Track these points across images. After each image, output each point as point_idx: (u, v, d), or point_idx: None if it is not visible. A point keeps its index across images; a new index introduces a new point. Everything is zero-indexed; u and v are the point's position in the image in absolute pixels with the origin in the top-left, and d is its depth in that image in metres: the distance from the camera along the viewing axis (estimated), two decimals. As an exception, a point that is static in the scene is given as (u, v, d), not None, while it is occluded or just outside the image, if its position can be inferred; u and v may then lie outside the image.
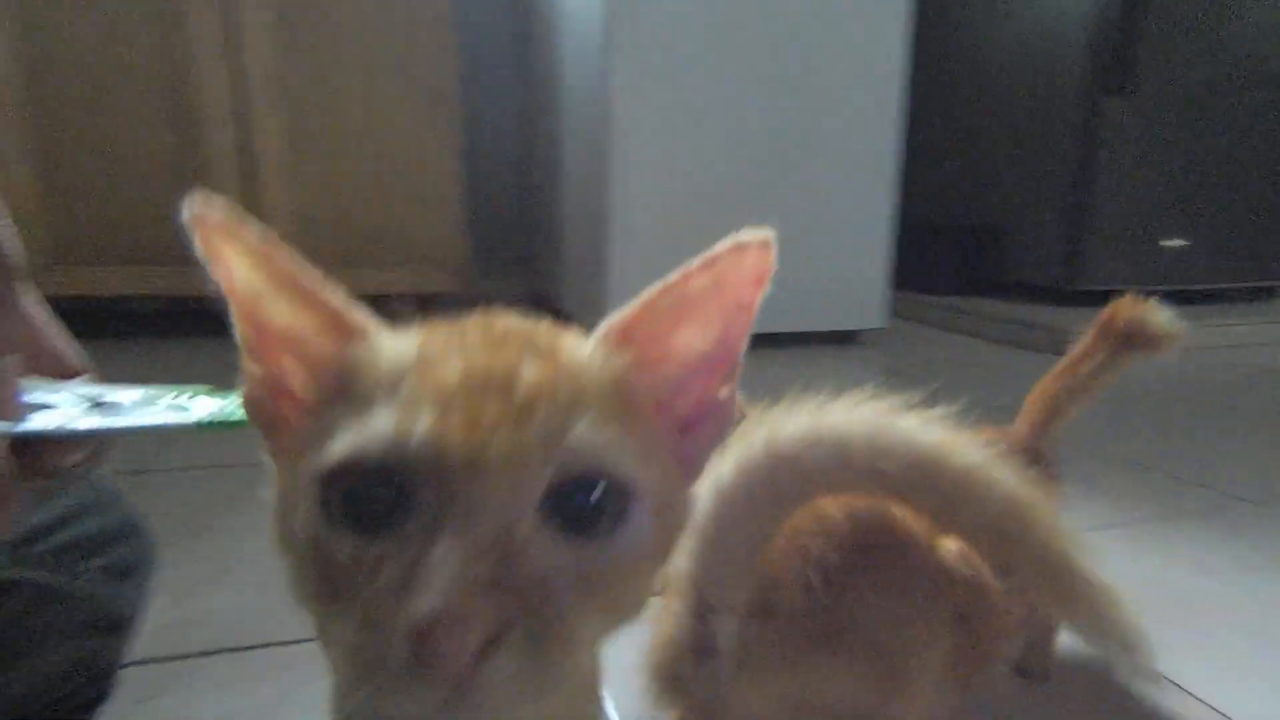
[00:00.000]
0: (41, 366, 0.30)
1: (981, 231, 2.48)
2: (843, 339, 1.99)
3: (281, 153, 1.61)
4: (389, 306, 1.79)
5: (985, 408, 0.37)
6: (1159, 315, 0.55)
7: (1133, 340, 0.56)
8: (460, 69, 1.72)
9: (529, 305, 2.35)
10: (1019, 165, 2.37)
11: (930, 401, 0.33)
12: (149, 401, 0.29)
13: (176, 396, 0.30)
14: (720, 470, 0.33)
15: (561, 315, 2.11)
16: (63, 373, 0.31)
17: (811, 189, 1.77)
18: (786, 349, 1.84)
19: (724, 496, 0.33)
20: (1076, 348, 0.59)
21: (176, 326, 1.81)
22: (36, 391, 0.28)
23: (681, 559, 0.34)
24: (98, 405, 0.28)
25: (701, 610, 0.35)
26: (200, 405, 0.29)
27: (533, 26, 2.15)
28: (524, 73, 2.29)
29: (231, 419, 0.28)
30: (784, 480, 0.32)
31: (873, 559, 0.36)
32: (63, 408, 0.27)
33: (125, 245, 1.57)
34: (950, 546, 0.39)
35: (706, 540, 0.34)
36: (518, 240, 2.44)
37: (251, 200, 1.61)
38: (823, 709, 0.36)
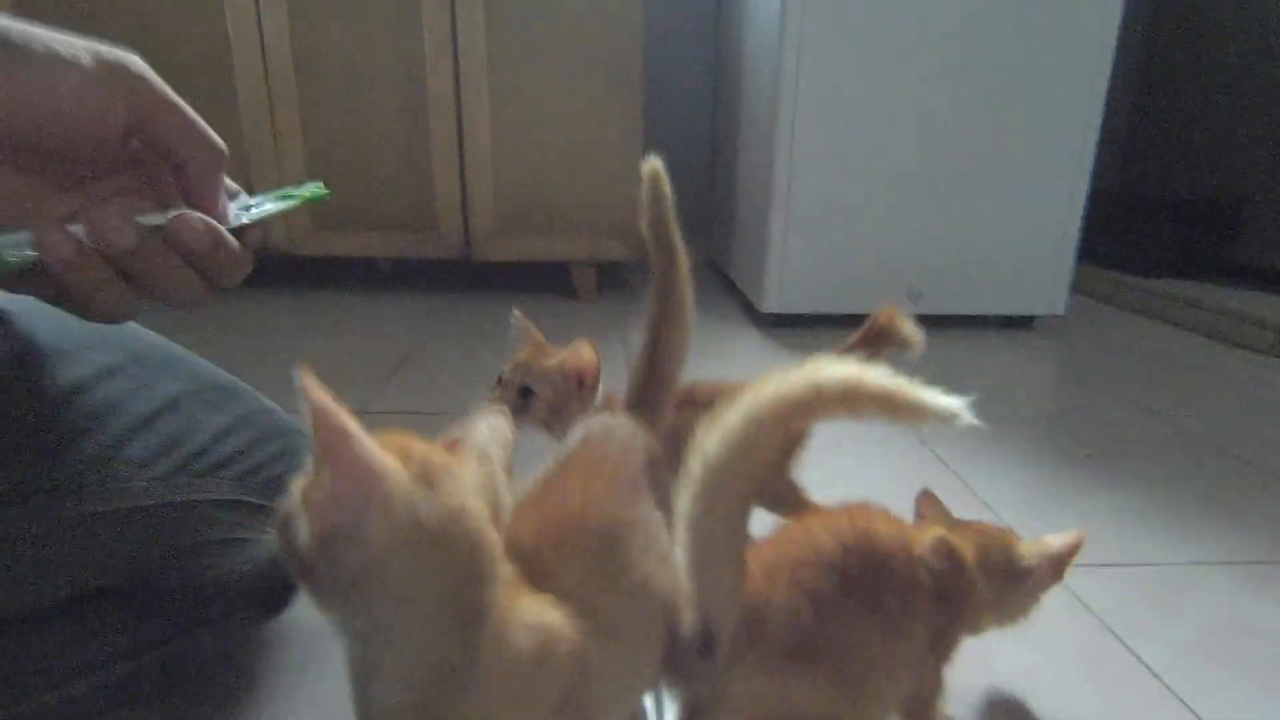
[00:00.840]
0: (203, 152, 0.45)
1: (1212, 206, 2.21)
2: (1019, 323, 1.91)
3: (488, 140, 1.85)
4: (571, 272, 2.00)
5: (1166, 419, 0.40)
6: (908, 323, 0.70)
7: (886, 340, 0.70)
8: (651, 55, 1.85)
9: (702, 270, 2.46)
10: (1269, 132, 2.07)
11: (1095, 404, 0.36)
12: (273, 199, 0.47)
13: (286, 190, 0.48)
14: (703, 445, 0.36)
15: (728, 281, 2.23)
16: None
17: (993, 164, 1.70)
18: (951, 331, 1.82)
19: (709, 466, 0.36)
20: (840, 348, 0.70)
21: (407, 281, 2.16)
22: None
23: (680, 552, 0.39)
24: (247, 208, 0.45)
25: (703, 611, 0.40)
26: (302, 190, 0.48)
27: (721, 10, 2.22)
28: (714, 51, 2.37)
29: (316, 196, 0.48)
30: (763, 436, 0.35)
31: (857, 584, 0.43)
32: (236, 208, 0.45)
33: (370, 215, 1.90)
34: (926, 541, 0.48)
35: (695, 530, 0.37)
36: (697, 211, 2.55)
37: (464, 179, 1.87)
38: (800, 713, 0.42)
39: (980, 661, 0.66)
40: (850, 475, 1.06)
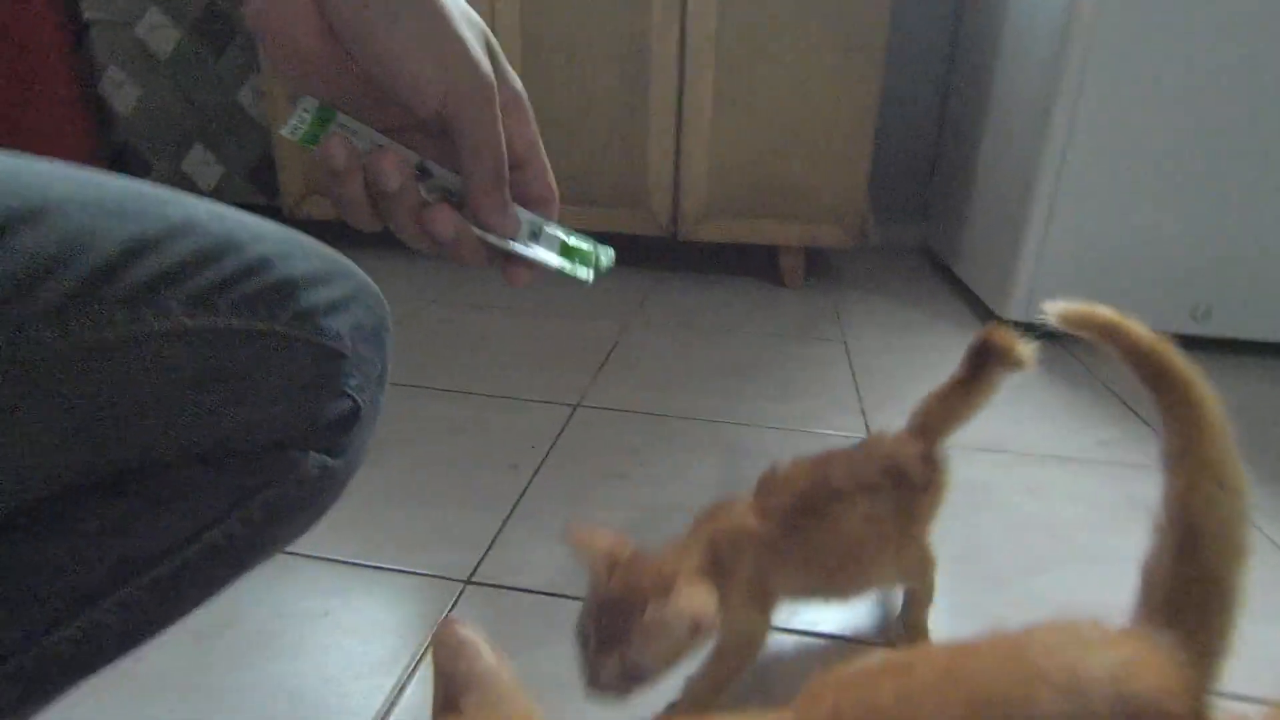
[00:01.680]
0: (533, 196, 0.43)
1: None
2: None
3: (707, 111, 1.76)
4: (779, 256, 1.88)
5: None
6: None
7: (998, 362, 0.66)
8: (888, 16, 1.66)
9: (920, 258, 2.26)
10: None
11: None
12: (567, 237, 0.43)
13: (581, 239, 0.44)
14: None
15: (950, 275, 2.02)
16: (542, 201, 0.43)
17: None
18: (1244, 358, 1.53)
19: None
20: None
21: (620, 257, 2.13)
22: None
23: None
24: (537, 232, 0.41)
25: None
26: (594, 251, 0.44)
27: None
28: (954, 9, 2.12)
29: (604, 268, 0.44)
30: None
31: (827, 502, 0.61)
32: (529, 222, 0.41)
33: (581, 190, 1.88)
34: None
35: None
36: (921, 192, 2.33)
37: (678, 150, 1.80)
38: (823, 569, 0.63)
39: None
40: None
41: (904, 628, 0.74)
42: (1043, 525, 0.94)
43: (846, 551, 0.63)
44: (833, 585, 0.65)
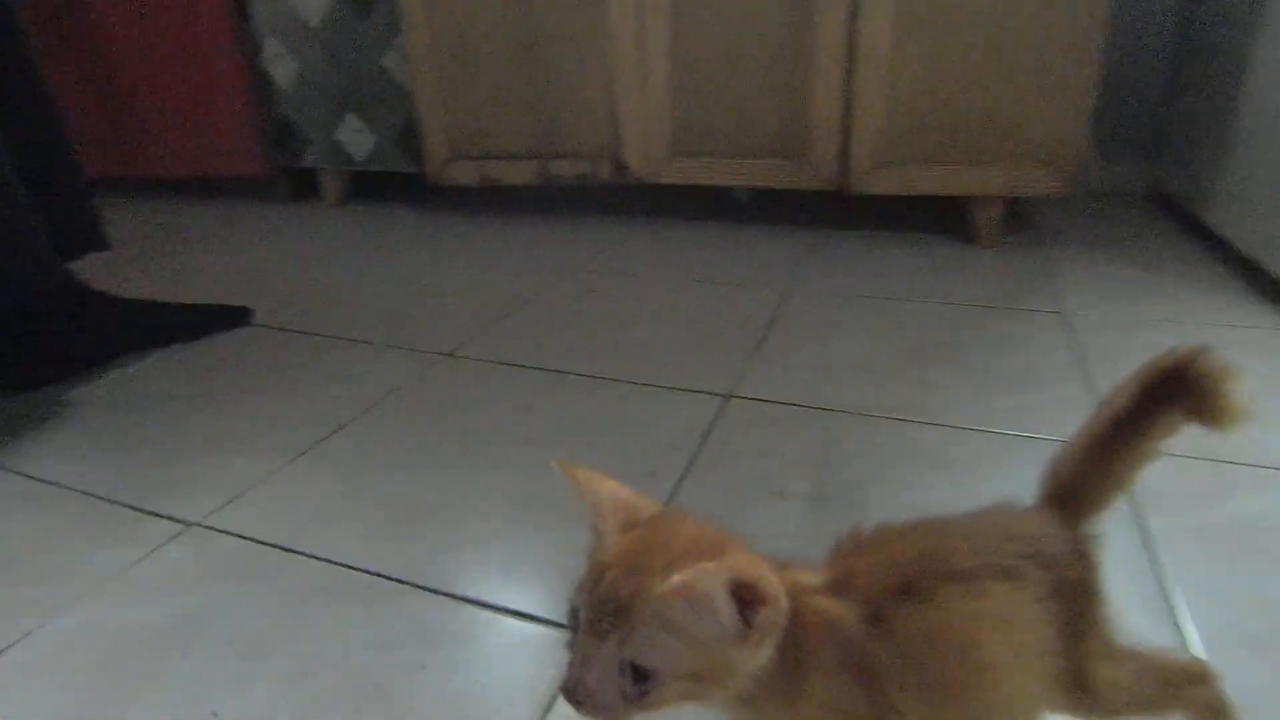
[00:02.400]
0: None
1: None
2: None
3: (886, 40, 1.48)
4: (971, 207, 1.58)
5: None
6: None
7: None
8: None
9: (1150, 206, 1.85)
10: None
11: None
12: None
13: None
14: None
15: (1192, 219, 1.62)
16: None
17: None
18: None
19: None
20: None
21: (764, 214, 1.92)
22: None
23: None
24: None
25: None
26: None
27: None
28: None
29: None
30: None
31: None
32: None
33: (730, 140, 1.67)
34: None
35: None
36: (1153, 121, 1.90)
37: (850, 93, 1.54)
38: None
39: None
40: None
41: None
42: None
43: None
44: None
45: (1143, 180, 1.93)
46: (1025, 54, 1.44)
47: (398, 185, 2.15)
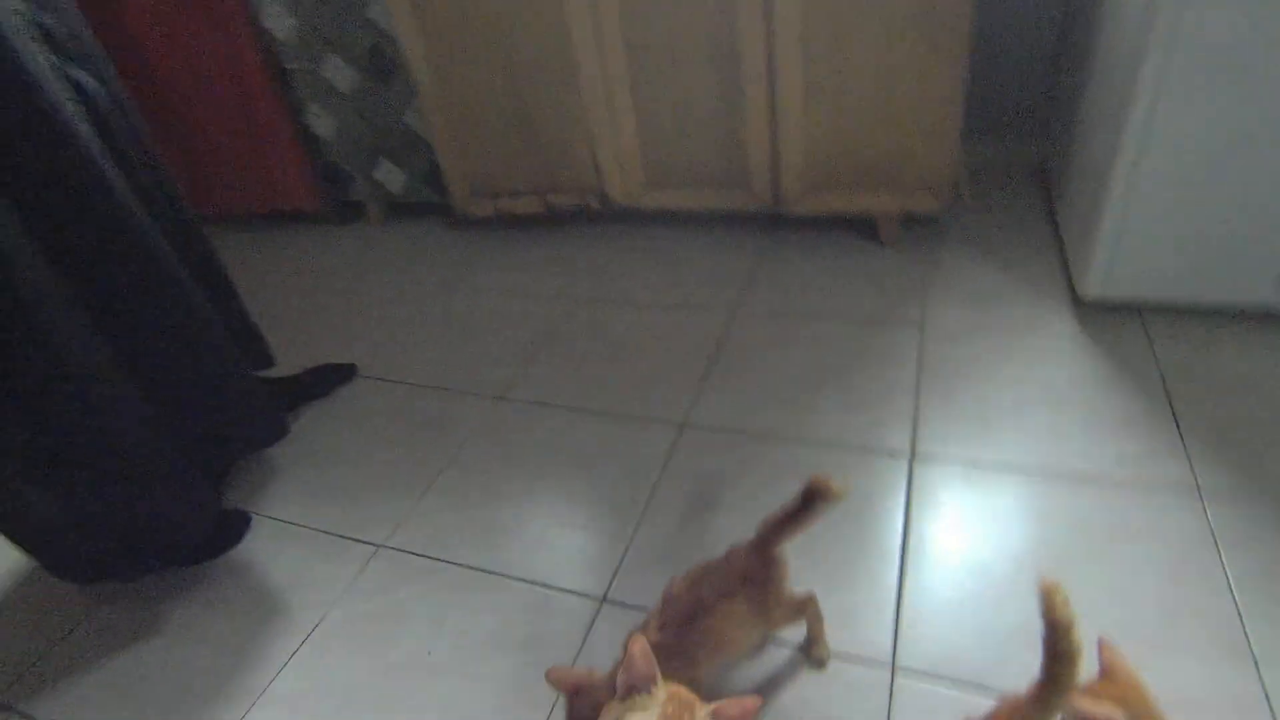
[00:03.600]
0: None
1: None
2: None
3: (798, 104, 1.90)
4: (878, 223, 2.05)
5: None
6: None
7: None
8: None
9: (1033, 189, 2.26)
10: None
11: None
12: None
13: None
14: None
15: (1052, 218, 2.04)
16: None
17: None
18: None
19: None
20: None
21: (726, 230, 2.38)
22: None
23: None
24: None
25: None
26: None
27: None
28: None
29: None
30: None
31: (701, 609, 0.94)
32: None
33: (689, 175, 2.13)
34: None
35: None
36: (1043, 103, 2.27)
37: (774, 138, 1.98)
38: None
39: None
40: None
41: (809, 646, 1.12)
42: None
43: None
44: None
45: (1033, 157, 2.33)
46: (906, 110, 1.86)
47: (428, 203, 2.62)
